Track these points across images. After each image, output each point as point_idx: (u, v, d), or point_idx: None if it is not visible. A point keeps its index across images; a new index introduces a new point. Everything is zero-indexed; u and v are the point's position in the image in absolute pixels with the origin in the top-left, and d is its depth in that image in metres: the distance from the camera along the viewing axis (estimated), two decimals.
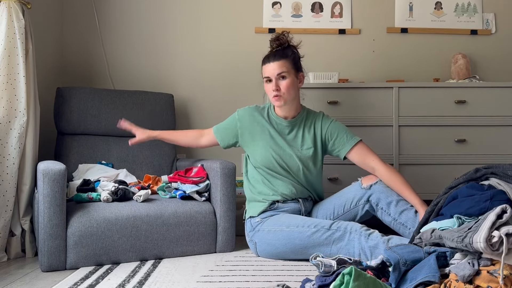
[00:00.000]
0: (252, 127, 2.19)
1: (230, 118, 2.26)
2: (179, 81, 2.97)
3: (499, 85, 2.61)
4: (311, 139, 2.17)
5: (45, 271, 1.88)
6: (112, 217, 1.97)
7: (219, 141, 2.26)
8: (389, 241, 1.81)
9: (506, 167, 1.54)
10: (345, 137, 2.15)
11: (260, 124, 2.19)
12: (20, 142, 2.10)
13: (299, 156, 2.14)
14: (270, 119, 2.20)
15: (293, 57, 2.12)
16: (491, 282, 1.23)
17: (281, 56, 2.09)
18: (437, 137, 2.58)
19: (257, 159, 2.16)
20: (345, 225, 1.92)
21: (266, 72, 2.11)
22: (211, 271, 1.87)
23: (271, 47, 2.16)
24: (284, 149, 2.14)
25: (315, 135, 2.18)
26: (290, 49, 2.14)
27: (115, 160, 2.54)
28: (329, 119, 2.21)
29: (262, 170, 2.16)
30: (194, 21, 2.98)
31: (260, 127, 2.18)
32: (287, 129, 2.18)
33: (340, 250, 1.89)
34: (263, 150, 2.15)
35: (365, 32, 3.01)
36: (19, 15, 2.12)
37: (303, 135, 2.17)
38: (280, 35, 2.14)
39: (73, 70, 2.93)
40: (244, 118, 2.21)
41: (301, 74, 2.17)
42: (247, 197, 2.23)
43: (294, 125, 2.18)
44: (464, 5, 3.02)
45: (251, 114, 2.21)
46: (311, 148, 2.15)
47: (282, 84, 2.08)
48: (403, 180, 2.03)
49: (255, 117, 2.20)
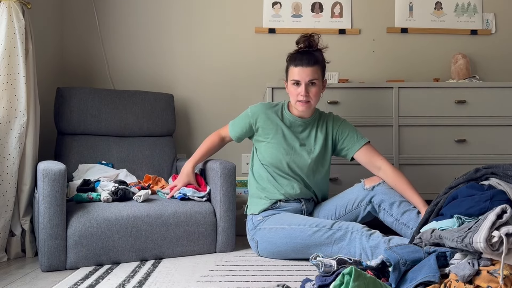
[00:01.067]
0: (266, 125, 2.17)
1: (243, 115, 2.22)
2: (179, 81, 2.97)
3: (499, 85, 2.61)
4: (323, 139, 2.17)
5: (45, 271, 1.88)
6: (112, 217, 1.97)
7: (234, 139, 2.26)
8: (390, 241, 1.81)
9: (506, 167, 1.54)
10: (355, 136, 2.16)
11: (274, 122, 2.17)
12: (20, 142, 2.10)
13: (311, 156, 2.14)
14: (284, 118, 2.18)
15: (323, 64, 2.12)
16: (491, 282, 1.23)
17: (315, 61, 2.06)
18: (437, 137, 2.58)
19: (266, 158, 2.16)
20: (346, 225, 1.92)
21: (297, 75, 2.06)
22: (211, 271, 1.87)
23: (298, 46, 2.12)
24: (296, 150, 2.14)
25: (327, 134, 2.18)
26: (321, 54, 2.12)
27: (115, 160, 2.54)
28: (340, 119, 2.23)
29: (270, 168, 2.16)
30: (194, 21, 2.98)
31: (274, 125, 2.16)
32: (301, 128, 2.17)
33: (341, 250, 1.89)
34: (274, 150, 2.14)
35: (365, 32, 3.01)
36: (19, 15, 2.12)
37: (316, 135, 2.18)
38: (311, 36, 2.10)
39: (73, 70, 2.93)
40: (257, 115, 2.18)
41: (325, 80, 2.16)
42: (250, 191, 2.23)
43: (308, 125, 2.18)
44: (464, 5, 3.02)
45: (264, 111, 2.18)
46: (323, 148, 2.16)
47: (312, 91, 2.06)
48: (407, 181, 2.03)
49: (268, 115, 2.17)
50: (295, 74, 2.07)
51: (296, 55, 2.09)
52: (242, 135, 2.23)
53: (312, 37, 2.10)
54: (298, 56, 2.08)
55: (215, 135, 2.30)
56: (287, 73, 2.14)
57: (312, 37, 2.10)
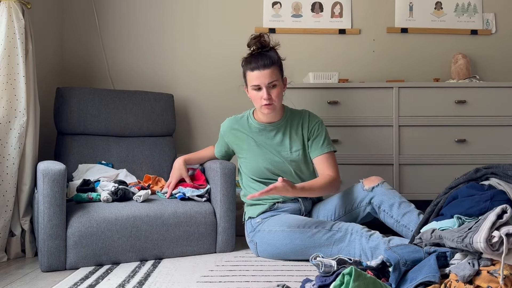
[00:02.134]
0: (237, 141, 2.19)
1: (220, 134, 2.26)
2: (179, 81, 2.97)
3: (499, 85, 2.61)
4: (300, 141, 2.14)
5: (45, 271, 1.88)
6: (112, 217, 1.97)
7: (218, 157, 2.32)
8: (390, 242, 1.80)
9: (506, 167, 1.54)
10: (320, 142, 2.12)
11: (243, 136, 2.17)
12: (20, 142, 2.10)
13: (290, 160, 2.12)
14: (251, 128, 2.16)
15: (279, 63, 2.07)
16: (491, 282, 1.23)
17: (270, 63, 2.01)
18: (437, 137, 2.58)
19: (249, 171, 2.17)
20: (346, 226, 1.91)
21: (255, 80, 2.02)
22: (211, 271, 1.87)
23: (251, 49, 2.07)
24: (273, 156, 2.12)
25: (303, 135, 2.15)
26: (275, 53, 2.07)
27: (115, 160, 2.54)
28: (315, 118, 2.18)
29: (257, 179, 2.16)
30: (194, 21, 2.98)
31: (244, 139, 2.17)
32: (272, 133, 2.14)
33: (341, 251, 1.88)
34: (252, 163, 2.14)
35: (365, 32, 3.01)
36: (19, 15, 2.12)
37: (290, 138, 2.14)
38: (261, 37, 2.06)
39: (73, 70, 2.93)
40: (226, 133, 2.22)
41: (285, 78, 2.12)
42: (246, 202, 2.23)
43: (279, 128, 2.15)
44: (464, 5, 3.02)
45: (231, 127, 2.20)
46: (301, 150, 2.14)
47: (274, 92, 2.03)
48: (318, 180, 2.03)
49: (236, 130, 2.19)
50: (253, 79, 2.02)
51: (251, 59, 2.05)
52: (224, 154, 2.29)
53: (263, 37, 2.06)
54: (253, 60, 2.03)
55: (212, 148, 2.36)
56: (245, 79, 2.09)
57: (262, 37, 2.06)
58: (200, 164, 2.40)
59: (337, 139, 2.54)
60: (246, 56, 2.09)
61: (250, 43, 2.08)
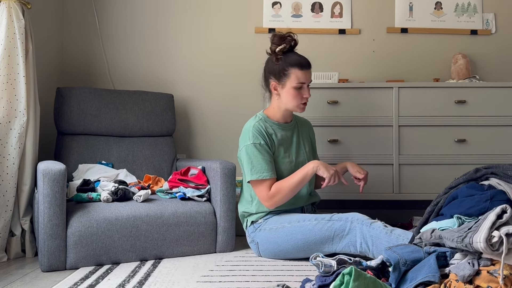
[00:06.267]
0: (271, 144, 2.08)
1: (256, 149, 2.01)
2: (179, 81, 2.97)
3: (499, 85, 2.60)
4: (309, 144, 2.24)
5: (45, 271, 1.88)
6: (112, 217, 1.97)
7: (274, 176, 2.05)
8: (392, 232, 1.80)
9: (506, 167, 1.54)
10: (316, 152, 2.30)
11: (271, 138, 2.09)
12: (20, 142, 2.10)
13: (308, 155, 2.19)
14: (275, 130, 2.12)
15: None
16: (491, 282, 1.23)
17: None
18: (437, 137, 2.58)
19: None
20: (346, 215, 1.93)
21: (303, 78, 2.04)
22: (211, 271, 1.87)
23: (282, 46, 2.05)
24: (295, 156, 2.14)
25: (311, 139, 2.27)
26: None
27: (115, 160, 2.54)
28: (310, 124, 2.32)
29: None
30: (194, 21, 2.98)
31: (275, 142, 2.10)
32: (290, 132, 2.16)
33: (342, 241, 1.89)
34: (280, 166, 2.09)
35: (365, 32, 3.01)
36: (19, 15, 2.12)
37: (303, 139, 2.21)
38: (293, 35, 2.07)
39: (73, 70, 2.93)
40: (263, 137, 2.05)
41: None
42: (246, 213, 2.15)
43: (294, 127, 2.20)
44: (464, 5, 3.02)
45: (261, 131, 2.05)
46: (311, 152, 2.23)
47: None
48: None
49: (266, 134, 2.07)
50: (301, 77, 2.04)
51: (297, 57, 2.06)
52: (271, 163, 2.05)
53: (295, 36, 2.08)
54: (301, 58, 2.06)
55: (268, 189, 2.02)
56: (284, 77, 2.05)
57: (295, 37, 2.08)
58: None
59: (337, 139, 2.54)
60: (289, 54, 2.06)
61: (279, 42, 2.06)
